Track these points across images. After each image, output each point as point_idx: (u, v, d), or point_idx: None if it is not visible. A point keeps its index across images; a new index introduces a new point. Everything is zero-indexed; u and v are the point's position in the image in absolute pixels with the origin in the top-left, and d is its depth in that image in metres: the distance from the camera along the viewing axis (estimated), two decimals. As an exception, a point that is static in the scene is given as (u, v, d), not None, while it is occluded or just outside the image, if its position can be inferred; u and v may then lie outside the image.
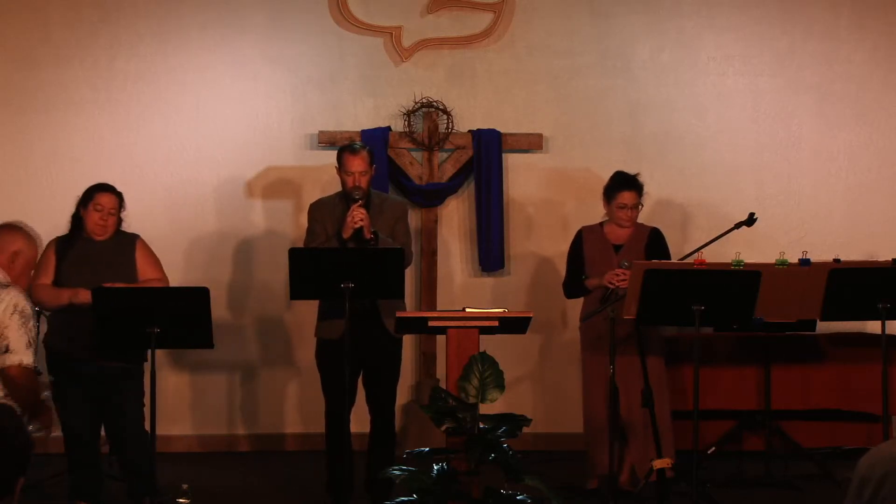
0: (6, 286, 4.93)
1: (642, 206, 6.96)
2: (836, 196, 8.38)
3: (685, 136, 8.33)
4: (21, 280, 5.09)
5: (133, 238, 6.39)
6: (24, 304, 4.93)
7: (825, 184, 8.38)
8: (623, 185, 6.87)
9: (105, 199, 6.31)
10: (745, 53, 8.34)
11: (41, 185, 8.04)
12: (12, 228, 5.21)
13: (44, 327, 7.49)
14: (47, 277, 6.25)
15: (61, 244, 6.32)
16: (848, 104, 8.37)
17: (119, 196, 6.37)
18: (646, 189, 8.12)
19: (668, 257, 6.93)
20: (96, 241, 6.30)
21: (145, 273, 6.32)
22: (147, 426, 6.09)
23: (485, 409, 5.27)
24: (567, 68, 8.28)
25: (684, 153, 8.30)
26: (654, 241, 6.94)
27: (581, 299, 7.03)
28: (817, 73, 8.37)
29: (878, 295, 6.55)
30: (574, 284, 6.94)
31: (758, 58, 8.35)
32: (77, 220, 6.37)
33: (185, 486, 5.50)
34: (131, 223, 6.44)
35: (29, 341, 4.87)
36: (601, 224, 7.00)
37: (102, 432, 6.39)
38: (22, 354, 4.82)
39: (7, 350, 4.82)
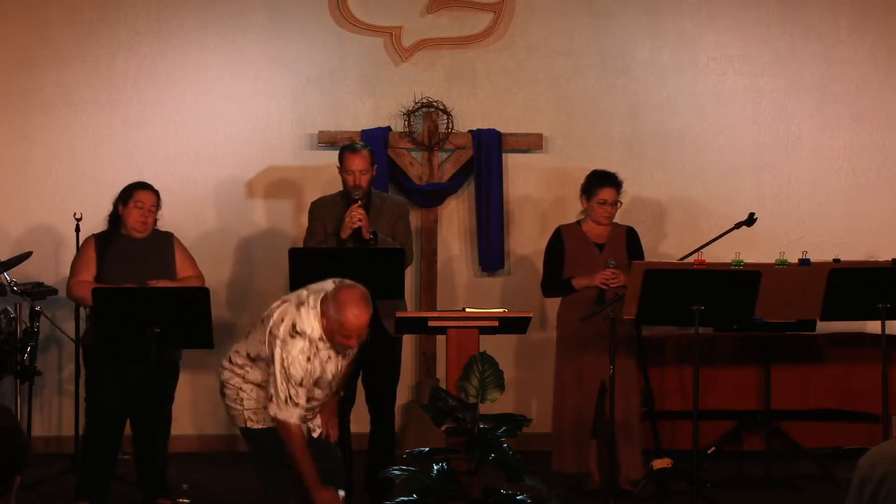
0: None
1: (621, 203, 6.97)
2: (836, 196, 8.38)
3: (685, 136, 8.32)
4: None
5: (170, 236, 6.47)
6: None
7: (825, 184, 8.37)
8: (603, 181, 6.88)
9: (145, 197, 6.37)
10: (745, 53, 8.34)
11: (41, 185, 8.04)
12: None
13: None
14: (89, 274, 6.27)
15: (100, 241, 6.34)
16: (848, 104, 8.37)
17: (157, 193, 6.41)
18: (645, 189, 8.15)
19: (643, 256, 6.95)
20: (136, 238, 6.33)
21: (184, 270, 6.39)
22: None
23: (485, 409, 5.27)
24: (567, 68, 8.28)
25: (684, 153, 8.30)
26: (632, 240, 6.96)
27: (557, 299, 7.03)
28: (817, 73, 8.36)
29: (877, 295, 6.55)
30: (556, 283, 6.92)
31: (758, 58, 8.34)
32: (115, 217, 6.38)
33: (184, 486, 5.52)
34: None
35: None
36: (578, 222, 7.00)
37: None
38: None
39: None
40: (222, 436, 8.17)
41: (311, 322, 5.05)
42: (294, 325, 5.05)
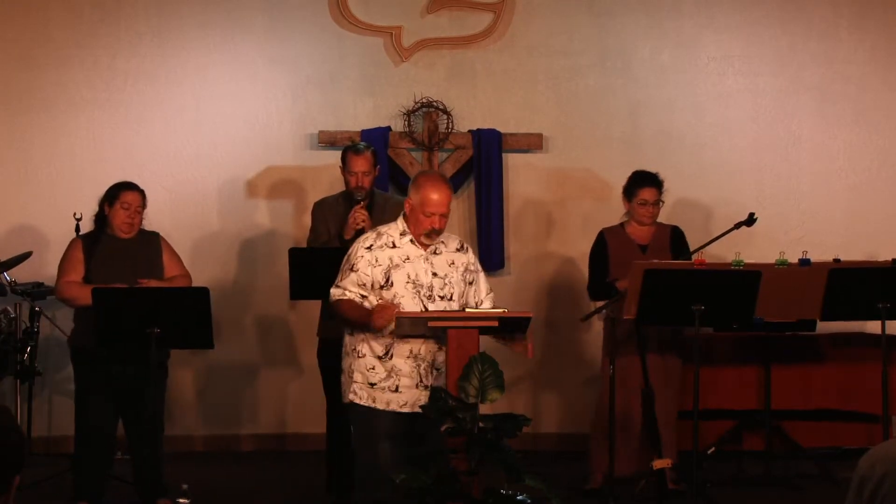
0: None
1: (663, 202, 6.96)
2: (836, 196, 8.37)
3: (685, 136, 8.32)
4: None
5: (156, 235, 6.46)
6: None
7: (825, 184, 8.37)
8: (644, 181, 6.89)
9: (131, 197, 6.36)
10: (745, 53, 8.34)
11: (41, 185, 8.04)
12: None
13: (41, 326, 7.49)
14: (77, 275, 6.26)
15: (87, 242, 6.34)
16: (848, 104, 8.37)
17: (143, 193, 6.40)
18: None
19: (689, 256, 6.91)
20: (122, 238, 6.32)
21: (171, 270, 6.38)
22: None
23: (485, 409, 5.27)
24: (567, 68, 8.27)
25: (684, 153, 8.30)
26: (678, 240, 6.95)
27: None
28: (817, 73, 8.36)
29: (877, 295, 6.55)
30: (601, 287, 6.88)
31: (758, 58, 8.34)
32: (101, 217, 6.37)
33: (184, 486, 5.51)
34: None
35: None
36: (622, 225, 6.98)
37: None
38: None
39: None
40: (222, 436, 8.18)
41: (389, 226, 5.52)
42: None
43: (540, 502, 5.12)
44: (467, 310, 5.48)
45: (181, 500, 5.94)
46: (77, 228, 7.22)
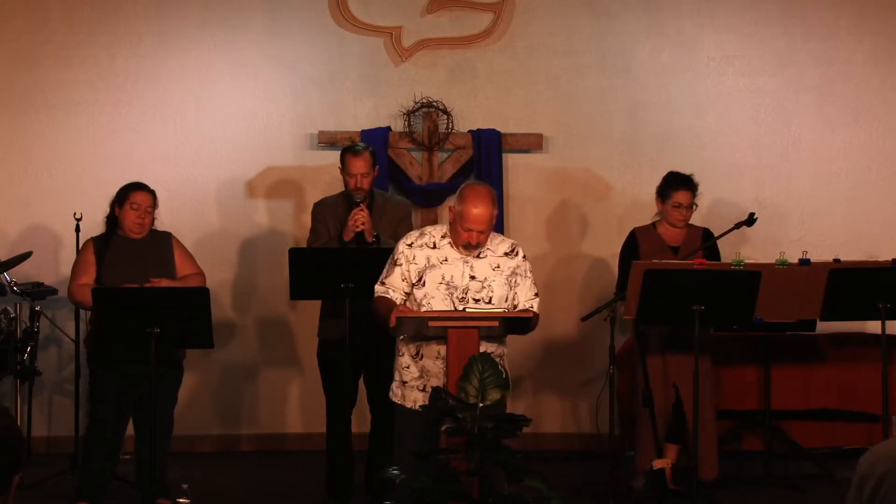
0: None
1: (696, 205, 6.95)
2: (836, 196, 8.37)
3: (685, 136, 8.32)
4: None
5: (168, 235, 6.47)
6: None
7: (825, 184, 8.37)
8: (678, 184, 6.88)
9: (141, 198, 6.36)
10: (745, 53, 8.34)
11: (41, 185, 8.04)
12: None
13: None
14: (89, 277, 6.27)
15: (99, 244, 6.34)
16: (848, 104, 8.37)
17: (153, 194, 6.40)
18: (645, 189, 8.15)
19: (720, 258, 6.90)
20: (134, 239, 6.33)
21: (184, 269, 6.39)
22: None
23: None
24: (567, 68, 8.27)
25: (684, 153, 8.29)
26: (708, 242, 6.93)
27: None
28: (817, 73, 8.36)
29: (877, 295, 6.55)
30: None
31: (758, 58, 8.34)
32: (112, 219, 6.37)
33: (184, 486, 5.52)
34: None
35: None
36: (653, 225, 6.97)
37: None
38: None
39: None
40: (222, 436, 8.18)
41: (435, 227, 5.62)
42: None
43: (540, 502, 5.12)
44: (468, 309, 5.47)
45: (181, 500, 5.95)
46: (77, 228, 7.22)
